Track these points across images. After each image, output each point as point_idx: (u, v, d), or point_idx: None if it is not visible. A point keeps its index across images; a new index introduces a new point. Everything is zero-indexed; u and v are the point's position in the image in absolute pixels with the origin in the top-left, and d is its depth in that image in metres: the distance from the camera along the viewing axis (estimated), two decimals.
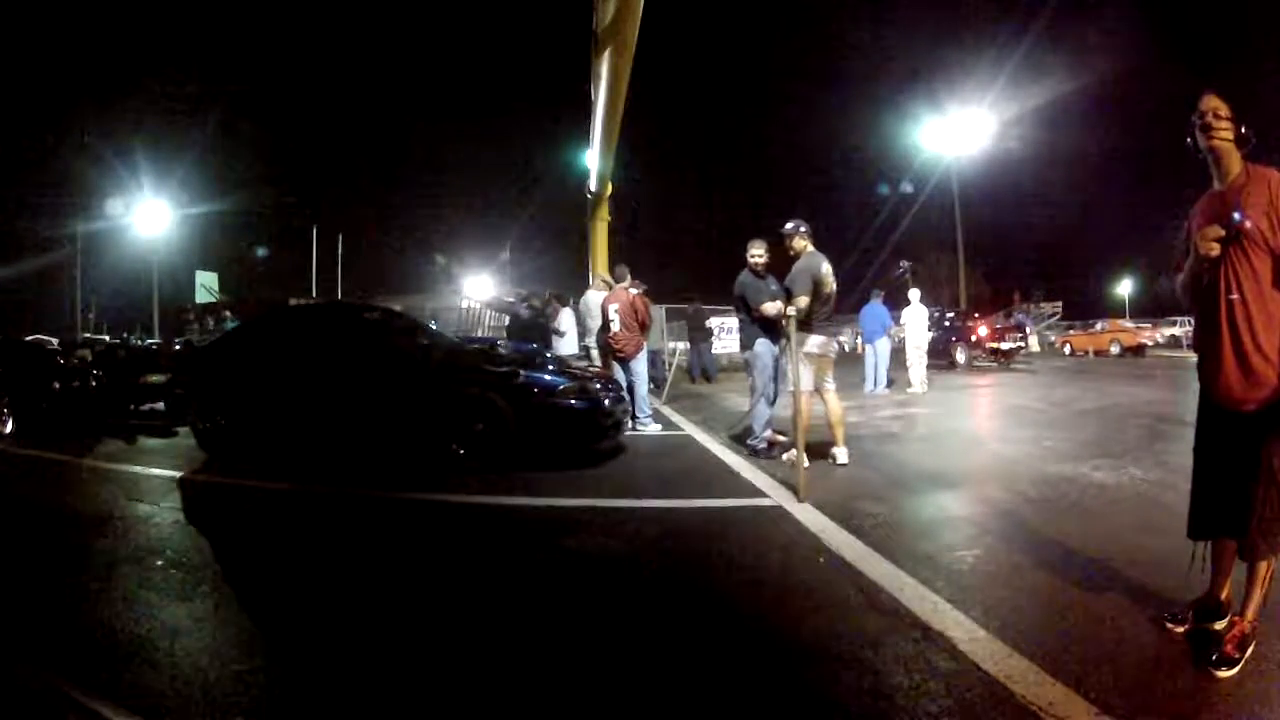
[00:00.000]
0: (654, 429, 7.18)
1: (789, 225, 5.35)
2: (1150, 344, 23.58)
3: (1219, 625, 2.26)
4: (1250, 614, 2.13)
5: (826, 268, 5.23)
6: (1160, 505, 4.05)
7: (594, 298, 7.98)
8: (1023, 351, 18.81)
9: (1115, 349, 22.86)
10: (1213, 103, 2.21)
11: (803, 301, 5.06)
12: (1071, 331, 26.27)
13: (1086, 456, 5.32)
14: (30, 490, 5.19)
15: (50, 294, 27.31)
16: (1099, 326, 25.87)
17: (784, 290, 5.34)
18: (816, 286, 5.11)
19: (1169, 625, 2.34)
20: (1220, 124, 2.19)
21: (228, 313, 13.45)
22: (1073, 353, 24.03)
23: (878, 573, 2.88)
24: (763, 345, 5.56)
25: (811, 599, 2.73)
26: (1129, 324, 26.11)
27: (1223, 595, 2.31)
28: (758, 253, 5.70)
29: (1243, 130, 2.20)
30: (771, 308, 5.40)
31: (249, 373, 6.19)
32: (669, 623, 2.58)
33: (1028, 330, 23.14)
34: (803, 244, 5.31)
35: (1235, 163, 2.21)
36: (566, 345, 8.06)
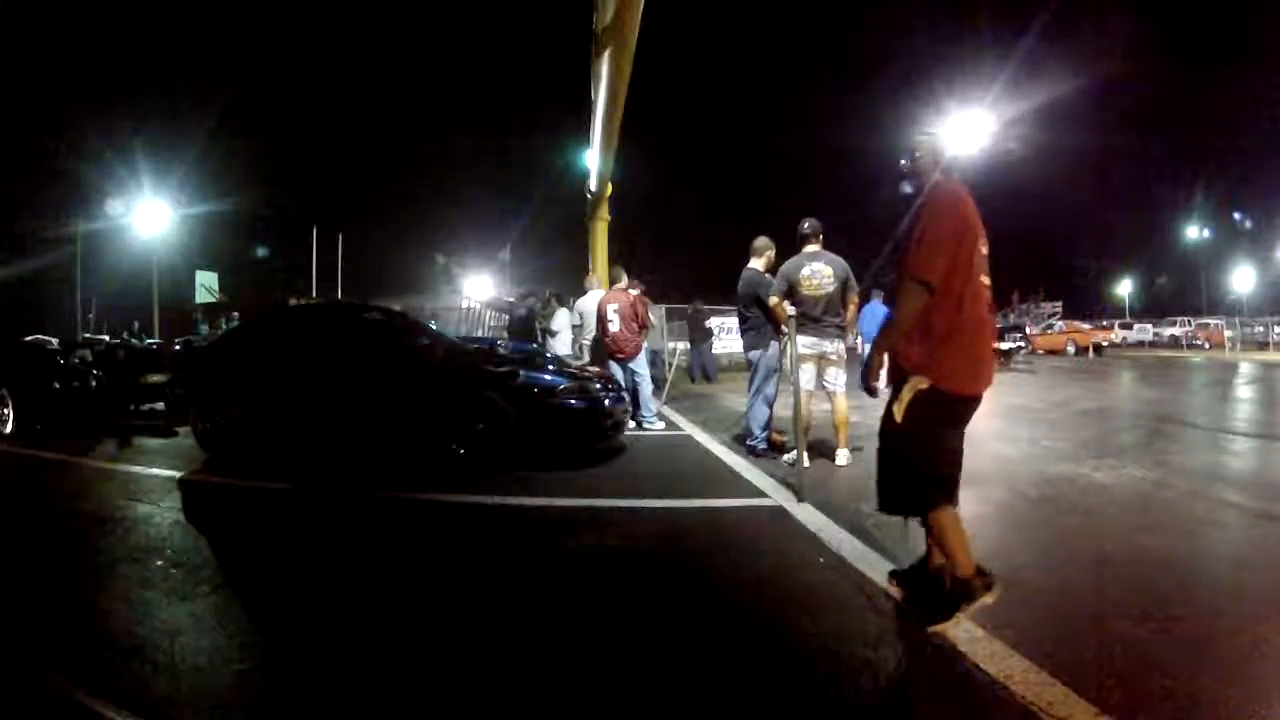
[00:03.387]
0: (658, 426, 7.20)
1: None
2: (1105, 344, 25.70)
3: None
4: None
5: (810, 269, 5.16)
6: (1160, 505, 4.05)
7: (590, 301, 7.96)
8: (1023, 351, 19.14)
9: (1071, 349, 24.80)
10: (911, 144, 2.55)
11: (772, 301, 5.21)
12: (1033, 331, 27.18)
13: (1086, 456, 5.33)
14: (30, 490, 5.19)
15: (50, 294, 27.27)
16: (1056, 327, 27.61)
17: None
18: (792, 287, 5.15)
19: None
20: (916, 163, 2.54)
21: (234, 313, 13.44)
22: (1032, 351, 24.88)
23: (878, 573, 2.88)
24: (776, 346, 5.57)
25: (812, 599, 2.73)
26: (1085, 325, 28.08)
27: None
28: (767, 249, 5.71)
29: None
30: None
31: (249, 373, 6.19)
32: (669, 623, 2.58)
33: (1028, 330, 23.94)
34: (805, 244, 5.26)
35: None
36: (560, 344, 8.07)
